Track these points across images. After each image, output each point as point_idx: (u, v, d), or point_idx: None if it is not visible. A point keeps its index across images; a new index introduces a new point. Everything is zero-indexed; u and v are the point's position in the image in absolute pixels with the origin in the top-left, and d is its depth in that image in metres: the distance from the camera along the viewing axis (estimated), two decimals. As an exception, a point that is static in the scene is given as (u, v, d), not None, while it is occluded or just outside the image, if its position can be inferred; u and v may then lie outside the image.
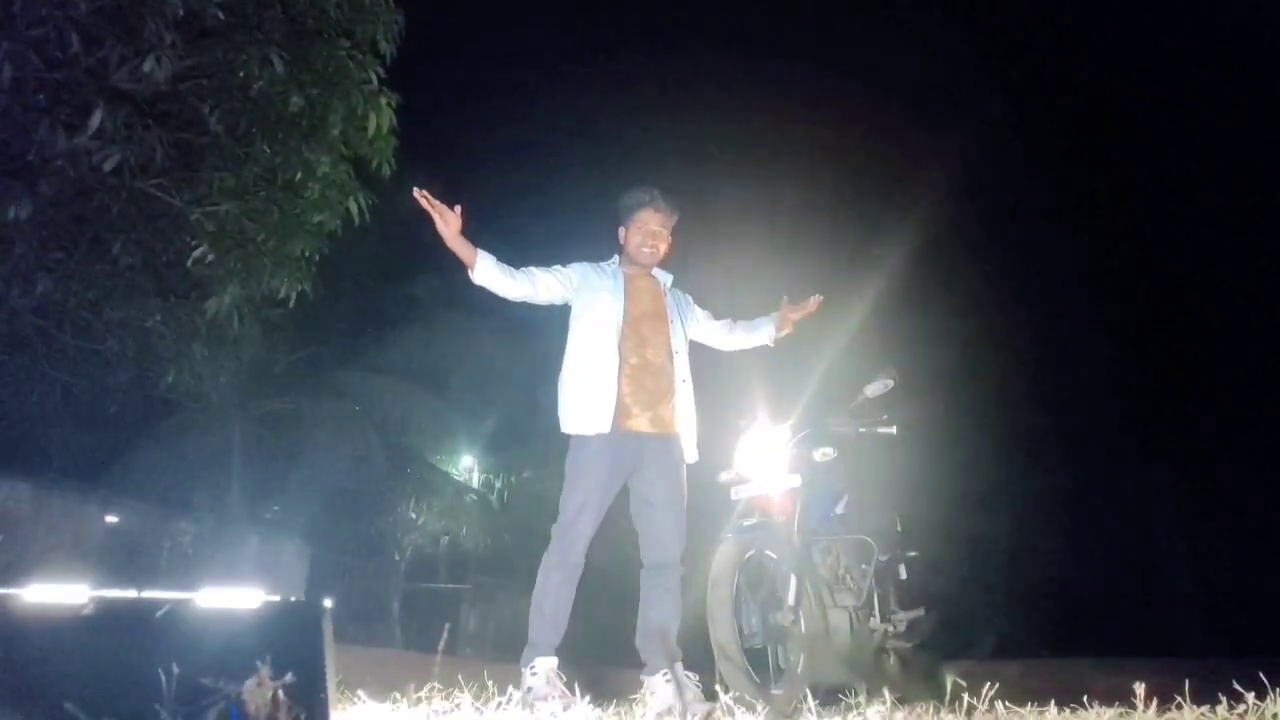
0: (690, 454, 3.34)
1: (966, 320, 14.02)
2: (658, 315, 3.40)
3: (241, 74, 5.24)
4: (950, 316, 13.77)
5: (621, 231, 3.46)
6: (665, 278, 3.52)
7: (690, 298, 3.61)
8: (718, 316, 3.64)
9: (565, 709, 2.60)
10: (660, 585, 3.20)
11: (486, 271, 3.25)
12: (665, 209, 3.40)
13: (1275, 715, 2.23)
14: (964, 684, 2.58)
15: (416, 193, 3.12)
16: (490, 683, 2.76)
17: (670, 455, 3.27)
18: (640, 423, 3.23)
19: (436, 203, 3.14)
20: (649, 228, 3.39)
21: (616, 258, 3.48)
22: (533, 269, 3.37)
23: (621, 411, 3.20)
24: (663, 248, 3.43)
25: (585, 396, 3.22)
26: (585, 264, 3.47)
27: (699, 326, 3.56)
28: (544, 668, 3.02)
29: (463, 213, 3.19)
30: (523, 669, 3.04)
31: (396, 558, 13.81)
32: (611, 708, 2.68)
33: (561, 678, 3.01)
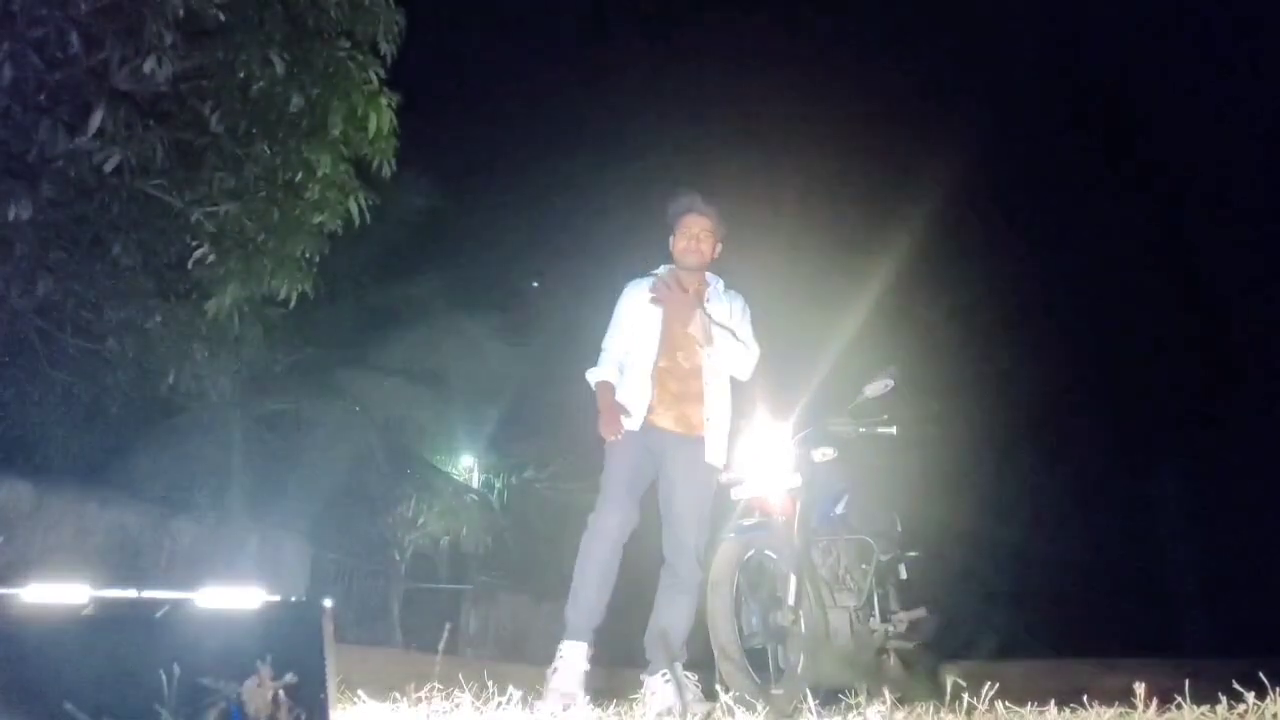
0: (714, 456, 3.40)
1: (967, 320, 14.03)
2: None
3: (242, 74, 5.24)
4: (951, 316, 13.77)
5: (671, 240, 3.63)
6: (715, 281, 3.65)
7: (746, 311, 3.64)
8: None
9: (564, 709, 2.59)
10: (674, 585, 3.27)
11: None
12: (707, 212, 3.57)
13: (1275, 715, 2.23)
14: (964, 684, 2.58)
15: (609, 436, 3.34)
16: (490, 683, 2.76)
17: (693, 456, 3.36)
18: (664, 419, 3.39)
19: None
20: (691, 231, 3.55)
21: (663, 268, 3.65)
22: (608, 348, 3.56)
23: (648, 410, 3.38)
24: (706, 250, 3.57)
25: (624, 398, 3.40)
26: (632, 288, 3.63)
27: (735, 341, 3.54)
28: (571, 654, 3.08)
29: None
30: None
31: (396, 558, 13.80)
32: (611, 708, 2.68)
33: (586, 669, 3.06)
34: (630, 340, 3.52)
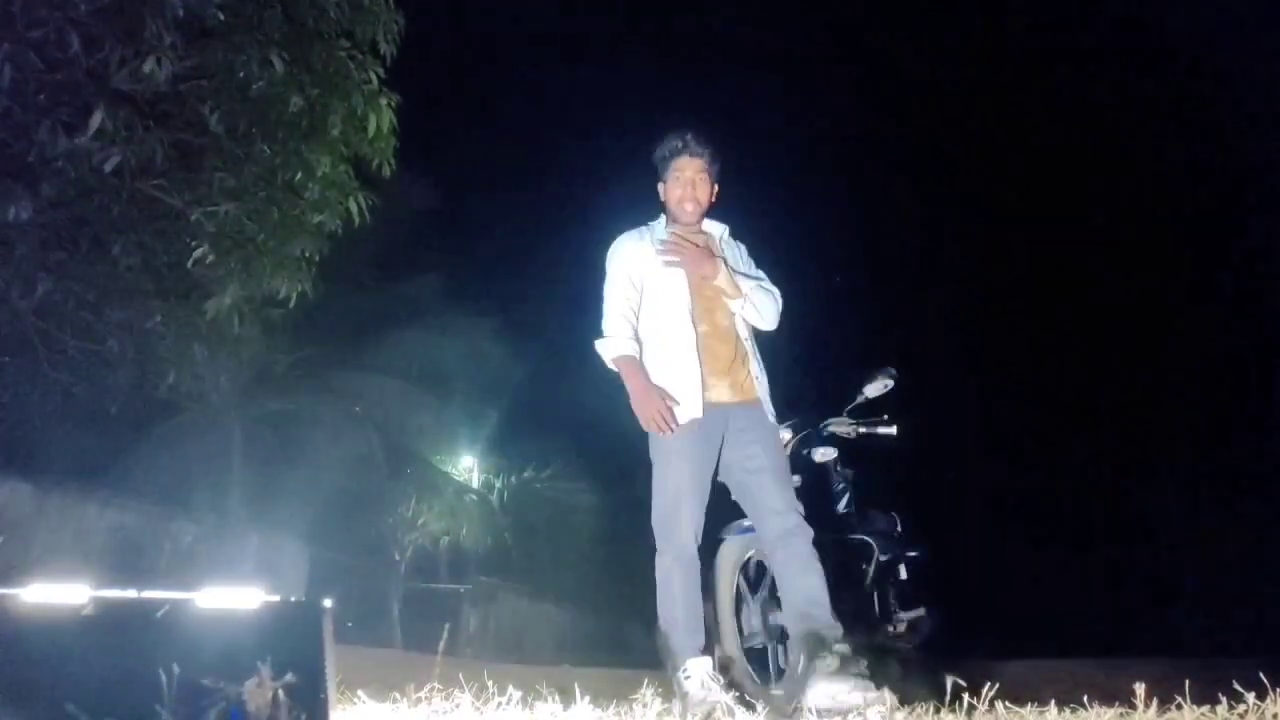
0: (772, 417, 3.09)
1: (968, 320, 14.03)
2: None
3: (241, 75, 5.24)
4: (952, 317, 13.77)
5: (661, 188, 3.24)
6: (718, 229, 3.26)
7: (744, 248, 3.32)
8: None
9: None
10: (794, 555, 2.89)
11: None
12: (701, 153, 3.15)
13: (1275, 715, 2.23)
14: (964, 684, 2.57)
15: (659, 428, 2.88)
16: (490, 683, 2.75)
17: (758, 419, 3.04)
18: (720, 393, 3.00)
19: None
20: (685, 175, 3.14)
21: (663, 219, 3.24)
22: (618, 312, 3.05)
23: (703, 387, 2.97)
24: (703, 195, 3.15)
25: (668, 381, 2.98)
26: (626, 240, 3.19)
27: (762, 289, 3.21)
28: (698, 670, 2.78)
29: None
30: (673, 675, 2.81)
31: (396, 558, 13.82)
32: (611, 708, 2.68)
33: (718, 679, 2.78)
34: (646, 306, 3.06)
